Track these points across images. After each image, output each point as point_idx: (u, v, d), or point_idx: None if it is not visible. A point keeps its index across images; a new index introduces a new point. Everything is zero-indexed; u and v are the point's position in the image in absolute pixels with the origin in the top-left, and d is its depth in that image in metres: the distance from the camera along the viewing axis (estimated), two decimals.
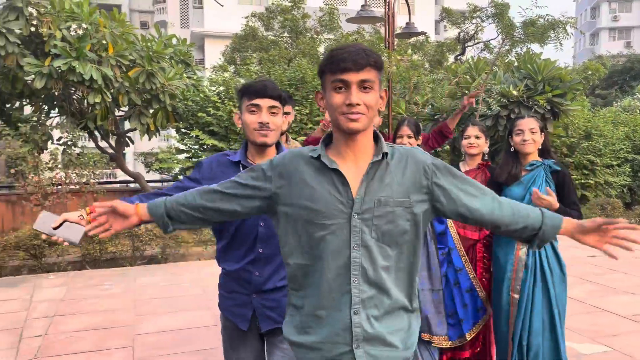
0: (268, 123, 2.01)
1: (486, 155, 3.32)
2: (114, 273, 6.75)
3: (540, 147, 3.02)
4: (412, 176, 1.54)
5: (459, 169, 3.35)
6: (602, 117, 11.90)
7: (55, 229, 1.51)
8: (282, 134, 3.60)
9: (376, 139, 1.57)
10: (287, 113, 3.56)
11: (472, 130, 3.26)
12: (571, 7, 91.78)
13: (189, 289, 5.93)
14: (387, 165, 1.53)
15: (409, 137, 3.32)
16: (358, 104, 1.46)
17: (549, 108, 8.30)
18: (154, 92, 7.63)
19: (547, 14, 7.47)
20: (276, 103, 2.03)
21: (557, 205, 2.73)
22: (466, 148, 3.28)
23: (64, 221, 1.63)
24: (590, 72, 11.72)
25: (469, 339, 3.16)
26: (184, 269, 6.93)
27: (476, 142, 3.25)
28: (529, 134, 2.95)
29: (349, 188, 1.49)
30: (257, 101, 2.01)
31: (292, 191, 1.54)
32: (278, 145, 2.16)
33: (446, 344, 3.08)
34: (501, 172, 3.06)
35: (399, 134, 3.35)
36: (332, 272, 1.50)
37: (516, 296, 2.97)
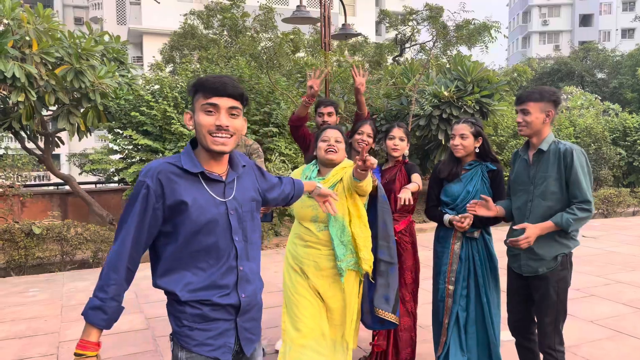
0: (228, 127, 1.69)
1: (406, 158, 3.46)
2: (41, 279, 6.47)
3: (478, 151, 3.17)
4: None
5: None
6: None
7: None
8: None
9: None
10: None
11: (397, 132, 3.39)
12: (504, 11, 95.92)
13: None
14: None
15: (369, 136, 3.41)
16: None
17: (478, 108, 8.68)
18: (84, 91, 7.35)
19: (473, 19, 7.81)
20: (237, 103, 1.72)
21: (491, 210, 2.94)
22: (390, 150, 3.39)
23: None
24: (517, 74, 12.36)
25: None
26: None
27: (400, 144, 3.38)
28: (459, 139, 3.12)
29: None
30: (214, 100, 1.68)
31: None
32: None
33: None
34: (443, 169, 3.23)
35: (361, 130, 3.42)
36: None
37: (451, 287, 3.14)
